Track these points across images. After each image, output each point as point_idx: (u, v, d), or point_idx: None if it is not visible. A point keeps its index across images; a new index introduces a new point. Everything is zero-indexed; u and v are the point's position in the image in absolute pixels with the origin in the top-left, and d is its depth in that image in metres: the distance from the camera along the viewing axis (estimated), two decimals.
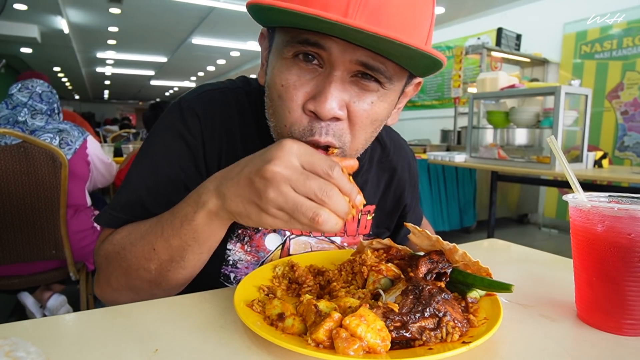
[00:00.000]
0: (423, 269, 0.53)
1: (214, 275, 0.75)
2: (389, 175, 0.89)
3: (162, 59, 11.25)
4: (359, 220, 0.84)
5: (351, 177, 0.51)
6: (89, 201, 1.96)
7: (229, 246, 0.74)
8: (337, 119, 0.57)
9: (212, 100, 0.73)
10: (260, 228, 0.75)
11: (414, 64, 0.55)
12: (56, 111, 1.87)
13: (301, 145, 0.49)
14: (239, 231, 0.74)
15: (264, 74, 0.66)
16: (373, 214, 0.86)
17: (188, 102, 0.72)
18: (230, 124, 0.73)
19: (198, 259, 0.60)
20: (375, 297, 0.52)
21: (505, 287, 0.51)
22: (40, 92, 1.82)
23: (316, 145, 0.58)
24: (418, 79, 0.67)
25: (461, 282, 0.55)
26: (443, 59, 0.52)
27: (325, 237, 0.81)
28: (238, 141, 0.73)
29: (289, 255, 0.77)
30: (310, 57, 0.56)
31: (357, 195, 0.50)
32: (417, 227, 0.58)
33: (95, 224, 1.94)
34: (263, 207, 0.48)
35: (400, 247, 0.62)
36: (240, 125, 0.74)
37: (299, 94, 0.56)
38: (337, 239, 0.82)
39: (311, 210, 0.46)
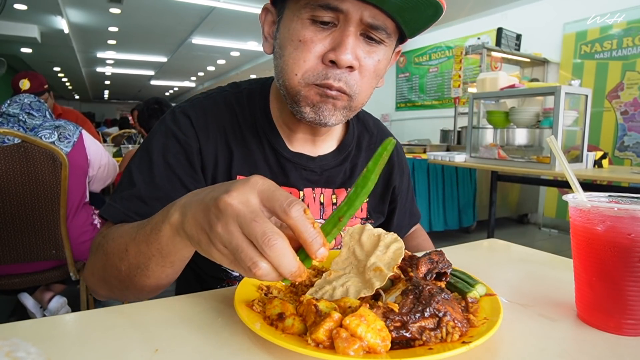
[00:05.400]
0: (423, 269, 0.54)
1: None
2: None
3: (162, 59, 11.25)
4: None
5: (317, 225, 0.42)
6: (87, 196, 1.96)
7: None
8: (351, 68, 0.66)
9: (202, 104, 0.81)
10: None
11: (414, 17, 0.65)
12: (47, 116, 1.92)
13: (267, 180, 0.44)
14: None
15: (270, 46, 0.74)
16: (367, 198, 0.89)
17: (180, 107, 0.80)
18: (222, 121, 0.79)
19: (161, 272, 0.57)
20: (375, 297, 0.52)
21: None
22: (29, 102, 1.88)
23: (329, 88, 0.66)
24: (399, 47, 0.78)
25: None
26: (444, 5, 0.62)
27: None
28: (230, 137, 0.79)
29: None
30: (325, 19, 0.64)
31: (319, 246, 0.42)
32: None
33: (96, 222, 1.94)
34: (212, 239, 0.44)
35: None
36: (231, 123, 0.80)
37: (316, 46, 0.65)
38: None
39: (250, 259, 0.41)
